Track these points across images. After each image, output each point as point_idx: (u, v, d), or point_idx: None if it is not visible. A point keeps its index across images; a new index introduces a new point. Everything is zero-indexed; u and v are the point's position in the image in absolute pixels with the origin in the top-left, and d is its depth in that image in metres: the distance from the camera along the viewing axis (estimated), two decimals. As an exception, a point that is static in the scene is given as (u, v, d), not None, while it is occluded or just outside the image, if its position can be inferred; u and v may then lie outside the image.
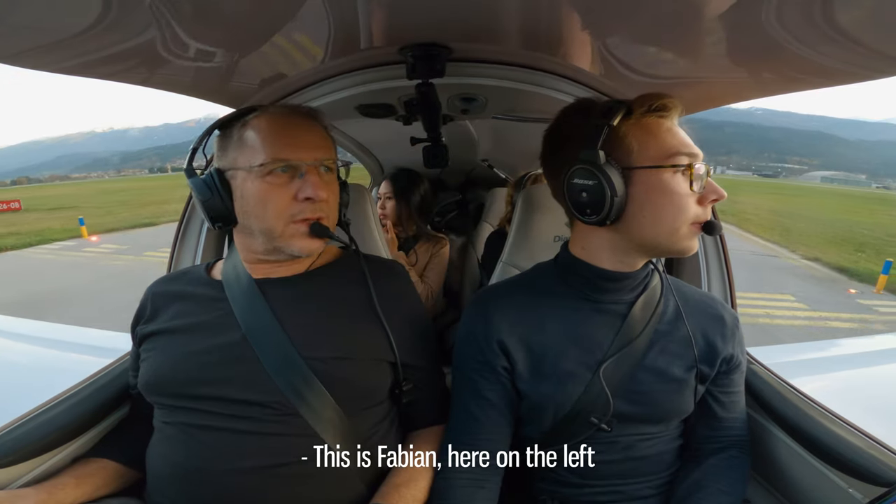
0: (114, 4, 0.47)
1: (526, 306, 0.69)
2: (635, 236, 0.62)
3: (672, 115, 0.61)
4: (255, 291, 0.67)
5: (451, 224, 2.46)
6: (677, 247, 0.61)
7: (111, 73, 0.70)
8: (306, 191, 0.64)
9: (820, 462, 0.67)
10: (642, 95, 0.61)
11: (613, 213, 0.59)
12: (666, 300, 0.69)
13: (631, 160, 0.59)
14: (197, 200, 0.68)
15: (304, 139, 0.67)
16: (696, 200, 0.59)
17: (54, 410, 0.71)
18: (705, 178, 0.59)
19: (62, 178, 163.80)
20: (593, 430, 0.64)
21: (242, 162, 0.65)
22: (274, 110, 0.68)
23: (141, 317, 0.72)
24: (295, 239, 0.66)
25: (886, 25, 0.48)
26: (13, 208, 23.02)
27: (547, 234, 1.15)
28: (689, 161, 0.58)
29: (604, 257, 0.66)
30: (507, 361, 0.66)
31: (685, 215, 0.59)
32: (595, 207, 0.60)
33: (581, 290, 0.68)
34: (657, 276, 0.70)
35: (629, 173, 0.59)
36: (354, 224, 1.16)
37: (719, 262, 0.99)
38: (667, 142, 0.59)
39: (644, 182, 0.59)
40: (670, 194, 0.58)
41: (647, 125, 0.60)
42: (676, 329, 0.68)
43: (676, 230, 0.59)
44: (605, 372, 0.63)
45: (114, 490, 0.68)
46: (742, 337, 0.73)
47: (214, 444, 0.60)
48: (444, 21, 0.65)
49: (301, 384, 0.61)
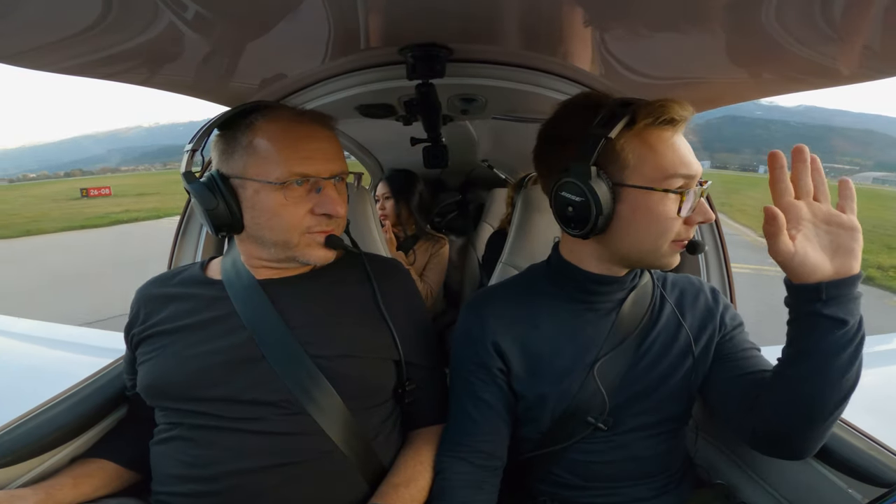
0: (114, 4, 0.47)
1: (520, 307, 0.69)
2: (616, 250, 0.62)
3: (679, 127, 0.58)
4: (258, 291, 0.67)
5: (451, 224, 2.46)
6: (657, 263, 0.61)
7: (111, 74, 0.70)
8: (325, 207, 0.64)
9: (820, 462, 0.66)
10: (650, 103, 0.56)
11: (598, 229, 0.58)
12: (655, 296, 0.70)
13: (624, 176, 0.57)
14: (199, 208, 0.64)
15: (321, 151, 0.65)
16: (682, 221, 0.58)
17: (53, 411, 0.71)
18: (697, 199, 0.58)
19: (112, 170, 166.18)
20: (591, 430, 0.64)
21: (255, 173, 0.62)
22: (283, 114, 0.65)
23: (135, 321, 0.71)
24: (310, 249, 0.66)
25: (886, 25, 0.48)
26: (104, 194, 28.10)
27: (547, 234, 1.15)
28: (683, 183, 0.56)
29: (589, 263, 0.66)
30: (503, 363, 0.67)
31: (668, 236, 0.58)
32: (579, 224, 0.58)
33: (572, 292, 0.68)
34: (647, 274, 0.71)
35: (619, 190, 0.57)
36: (354, 224, 1.16)
37: (719, 261, 1.00)
38: (665, 160, 0.56)
39: (633, 201, 0.57)
40: (657, 217, 0.57)
41: (648, 139, 0.56)
42: (664, 316, 0.68)
43: (658, 248, 0.59)
44: (598, 370, 0.64)
45: (112, 490, 0.68)
46: (728, 302, 0.73)
47: (223, 444, 0.60)
48: (444, 21, 0.65)
49: (308, 383, 0.61)
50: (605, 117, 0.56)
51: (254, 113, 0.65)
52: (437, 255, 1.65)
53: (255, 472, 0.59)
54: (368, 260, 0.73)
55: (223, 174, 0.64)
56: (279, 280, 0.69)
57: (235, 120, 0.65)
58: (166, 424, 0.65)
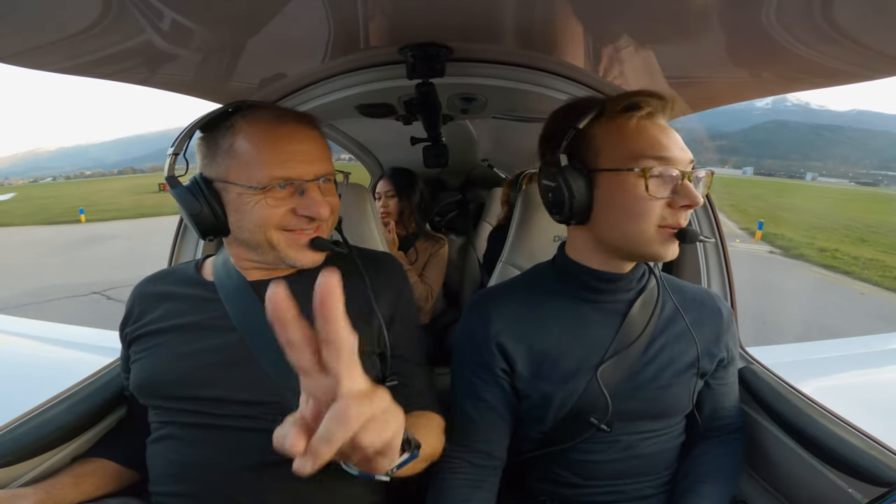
0: (113, 4, 0.47)
1: (525, 307, 0.69)
2: (605, 238, 0.62)
3: (648, 113, 0.59)
4: (249, 292, 0.66)
5: (452, 224, 2.46)
6: (648, 251, 0.60)
7: (111, 73, 0.69)
8: (308, 209, 0.63)
9: (820, 462, 0.67)
10: (619, 94, 0.60)
11: (575, 213, 0.60)
12: (664, 299, 0.69)
13: (596, 162, 0.59)
14: (185, 214, 0.63)
15: (303, 152, 0.63)
16: (665, 204, 0.58)
17: (53, 410, 0.71)
18: (678, 183, 0.57)
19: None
20: (593, 431, 0.64)
21: (236, 176, 0.61)
22: (264, 115, 0.63)
23: (129, 319, 0.71)
24: (296, 252, 0.65)
25: (886, 25, 0.48)
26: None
27: (547, 233, 1.15)
28: (653, 164, 0.56)
29: (590, 258, 0.66)
30: (507, 363, 0.66)
31: (648, 219, 0.57)
32: (558, 208, 0.62)
33: (577, 290, 0.68)
34: (654, 279, 0.70)
35: (593, 175, 0.59)
36: (355, 224, 1.16)
37: (719, 262, 1.00)
38: (633, 143, 0.58)
39: (606, 185, 0.59)
40: (631, 198, 0.57)
41: (616, 125, 0.59)
42: (676, 326, 0.68)
43: (641, 233, 0.58)
44: (602, 374, 0.63)
45: (113, 490, 0.68)
46: (735, 330, 0.75)
47: (215, 442, 0.60)
48: (444, 21, 0.65)
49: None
50: (578, 110, 0.61)
51: (235, 114, 0.63)
52: (436, 255, 1.65)
53: (247, 470, 0.59)
54: (360, 255, 0.72)
55: (206, 178, 0.63)
56: (270, 281, 0.69)
57: (217, 122, 0.64)
58: (158, 423, 0.65)
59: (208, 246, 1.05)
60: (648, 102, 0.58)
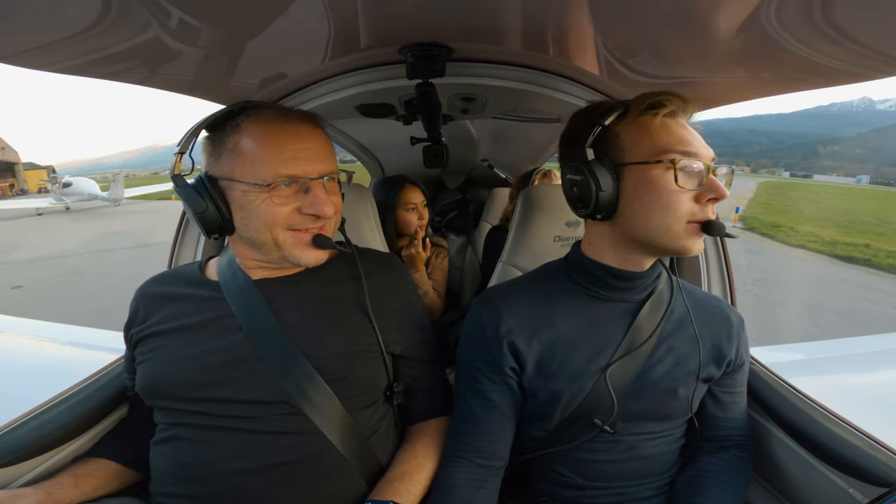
0: (114, 4, 0.47)
1: (536, 305, 0.68)
2: (630, 232, 0.62)
3: (672, 111, 0.60)
4: (254, 292, 0.66)
5: (452, 224, 2.46)
6: (674, 245, 0.60)
7: (111, 73, 0.69)
8: (312, 208, 0.63)
9: (820, 462, 0.66)
10: (642, 94, 0.61)
11: (601, 207, 0.61)
12: (675, 301, 0.69)
13: (623, 157, 0.60)
14: (190, 212, 0.64)
15: (308, 150, 0.64)
16: (692, 198, 0.58)
17: (54, 410, 0.71)
18: (705, 177, 0.58)
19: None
20: (596, 432, 0.64)
21: (241, 174, 0.62)
22: (268, 114, 0.64)
23: (133, 320, 0.71)
24: (299, 250, 0.65)
25: (886, 25, 0.48)
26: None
27: (547, 234, 1.14)
28: (679, 157, 0.57)
29: (608, 254, 0.66)
30: (516, 362, 0.66)
31: (676, 212, 0.58)
32: (583, 201, 0.62)
33: (590, 287, 0.68)
34: (666, 277, 0.70)
35: (620, 170, 0.60)
36: (355, 224, 1.16)
37: (719, 263, 0.99)
38: (659, 138, 0.59)
39: (634, 179, 0.60)
40: (658, 190, 0.58)
41: (641, 123, 0.60)
42: (684, 330, 0.68)
43: (669, 227, 0.59)
44: (611, 375, 0.63)
45: (113, 490, 0.68)
46: (746, 338, 0.73)
47: (221, 444, 0.60)
48: (444, 21, 0.65)
49: (305, 383, 0.61)
50: (601, 110, 0.62)
51: (240, 114, 0.64)
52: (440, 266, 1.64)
53: (252, 471, 0.59)
54: (362, 256, 0.72)
55: (211, 176, 0.64)
56: (274, 280, 0.69)
57: (222, 121, 0.64)
58: (164, 424, 0.65)
59: (209, 246, 1.05)
60: (671, 101, 0.59)
